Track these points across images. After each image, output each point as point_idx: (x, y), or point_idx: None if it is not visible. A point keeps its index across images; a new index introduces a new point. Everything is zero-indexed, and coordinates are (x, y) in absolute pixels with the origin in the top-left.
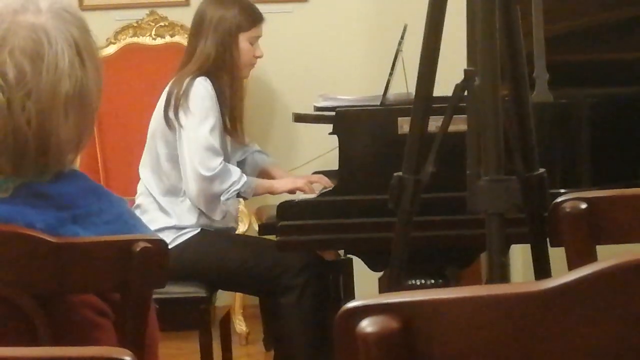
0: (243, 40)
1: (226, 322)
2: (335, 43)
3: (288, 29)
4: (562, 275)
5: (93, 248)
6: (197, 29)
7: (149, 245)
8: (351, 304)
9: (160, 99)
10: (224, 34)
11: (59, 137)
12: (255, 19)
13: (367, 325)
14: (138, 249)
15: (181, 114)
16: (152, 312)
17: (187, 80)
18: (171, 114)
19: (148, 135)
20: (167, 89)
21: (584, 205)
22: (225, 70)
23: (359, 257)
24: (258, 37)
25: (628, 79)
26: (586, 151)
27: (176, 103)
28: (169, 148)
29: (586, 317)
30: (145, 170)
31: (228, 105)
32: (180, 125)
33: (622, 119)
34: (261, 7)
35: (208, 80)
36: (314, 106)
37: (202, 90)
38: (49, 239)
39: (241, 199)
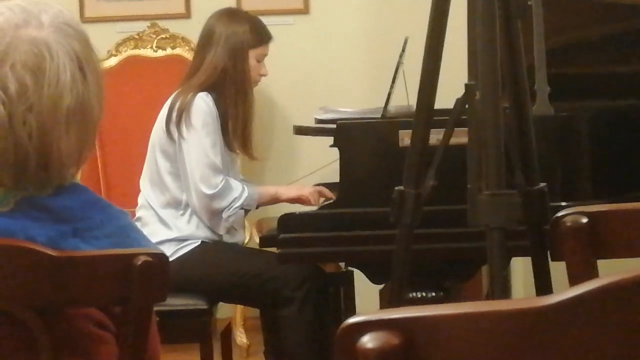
0: (251, 57)
1: (227, 334)
2: (337, 55)
3: (289, 41)
4: (563, 292)
5: (94, 261)
6: (206, 42)
7: (150, 259)
8: (352, 320)
9: (162, 111)
10: (234, 48)
11: (60, 151)
12: (264, 37)
13: (368, 340)
14: (139, 263)
15: (182, 128)
16: (154, 325)
17: (190, 94)
18: (172, 127)
19: (148, 148)
20: (169, 101)
21: (584, 220)
22: (234, 84)
23: (360, 270)
24: (264, 55)
25: (629, 92)
26: (587, 164)
27: (178, 116)
28: (169, 161)
29: (587, 333)
30: (145, 182)
31: (239, 120)
32: (183, 138)
33: (622, 131)
34: (262, 19)
35: (210, 96)
36: (315, 118)
37: (203, 105)
38: (50, 253)
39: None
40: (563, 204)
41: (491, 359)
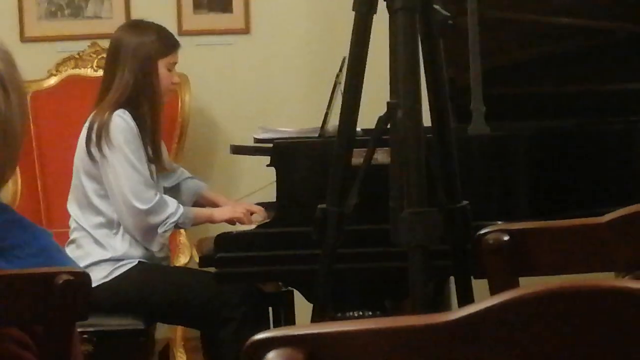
0: (161, 66)
1: (165, 355)
2: (276, 75)
3: (229, 61)
4: (465, 307)
5: (14, 280)
6: (114, 58)
7: (71, 277)
8: (257, 337)
9: (82, 133)
10: (143, 60)
11: None
12: (172, 45)
13: (273, 357)
14: (60, 282)
15: (104, 149)
16: (77, 345)
17: (106, 114)
18: (93, 149)
19: (73, 172)
20: (86, 123)
21: (506, 237)
22: (146, 98)
23: (297, 289)
24: (175, 63)
25: (564, 113)
26: (522, 183)
27: (97, 137)
28: (95, 182)
29: (491, 347)
30: (72, 206)
31: (149, 134)
32: (105, 158)
33: (559, 152)
34: (202, 39)
35: (127, 113)
36: (254, 138)
37: (122, 123)
38: None
39: (182, 230)
40: (499, 222)
41: None
